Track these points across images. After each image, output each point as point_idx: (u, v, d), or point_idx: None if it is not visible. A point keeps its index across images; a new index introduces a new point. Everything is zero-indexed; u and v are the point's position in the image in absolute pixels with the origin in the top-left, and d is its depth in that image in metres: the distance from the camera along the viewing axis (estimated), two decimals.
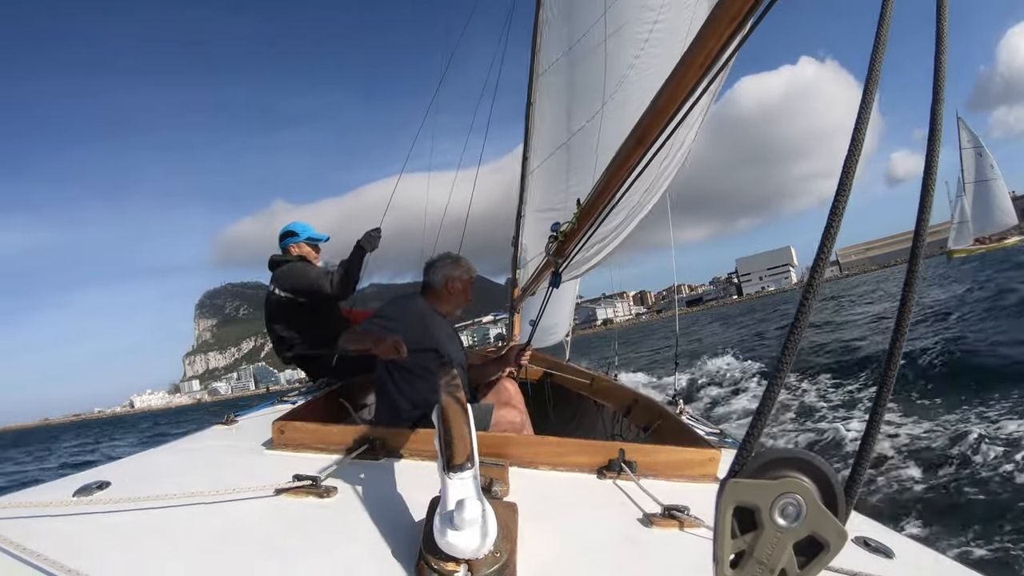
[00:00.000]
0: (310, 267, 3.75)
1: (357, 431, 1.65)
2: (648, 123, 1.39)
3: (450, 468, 1.02)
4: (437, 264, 2.71)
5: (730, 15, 0.89)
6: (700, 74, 1.06)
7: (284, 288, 3.59)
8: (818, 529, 0.55)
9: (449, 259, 2.74)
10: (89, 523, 1.06)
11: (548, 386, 4.02)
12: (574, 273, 3.40)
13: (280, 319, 3.65)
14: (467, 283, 2.73)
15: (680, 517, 1.19)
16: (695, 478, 1.56)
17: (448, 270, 2.68)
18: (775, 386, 0.57)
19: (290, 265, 3.67)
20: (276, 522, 1.11)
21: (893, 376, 0.58)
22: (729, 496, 0.57)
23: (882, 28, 0.61)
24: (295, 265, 3.68)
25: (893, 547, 1.17)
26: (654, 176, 2.54)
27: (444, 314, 2.69)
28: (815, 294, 0.58)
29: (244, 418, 2.23)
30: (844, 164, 0.59)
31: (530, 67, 4.10)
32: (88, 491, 1.21)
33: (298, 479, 1.26)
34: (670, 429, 2.24)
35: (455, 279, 2.68)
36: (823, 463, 0.56)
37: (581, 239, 2.43)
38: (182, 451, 1.80)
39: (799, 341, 0.57)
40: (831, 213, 0.59)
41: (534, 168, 4.21)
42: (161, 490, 1.14)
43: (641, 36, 2.51)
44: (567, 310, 7.01)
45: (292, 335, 3.65)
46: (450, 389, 1.42)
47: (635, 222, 3.14)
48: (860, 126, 0.59)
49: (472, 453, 1.05)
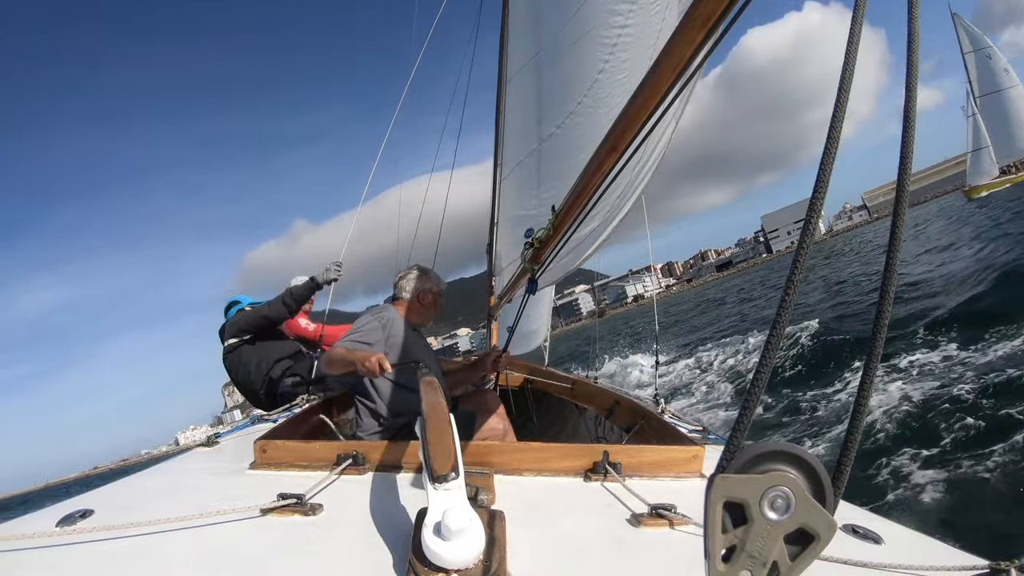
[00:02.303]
0: (251, 308, 4.08)
1: (340, 446, 1.64)
2: (621, 130, 1.40)
3: (434, 479, 1.01)
4: (407, 276, 2.77)
5: (702, 18, 0.90)
6: (672, 79, 1.07)
7: (232, 332, 3.90)
8: (807, 520, 0.56)
9: (418, 271, 2.79)
10: (74, 553, 1.03)
11: (529, 392, 4.02)
12: (550, 279, 3.41)
13: (236, 366, 3.91)
14: (436, 295, 2.79)
15: (668, 515, 1.20)
16: (680, 476, 1.57)
17: (419, 282, 2.74)
18: (759, 382, 0.58)
19: (235, 316, 4.00)
20: (263, 542, 1.09)
21: (876, 366, 0.59)
22: (718, 491, 0.57)
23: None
24: (239, 313, 4.01)
25: (881, 532, 1.20)
26: (628, 180, 2.56)
27: (415, 325, 2.71)
28: (795, 290, 0.59)
29: (226, 439, 2.19)
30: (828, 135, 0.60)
31: (498, 72, 4.12)
32: (71, 520, 1.17)
33: (283, 498, 1.24)
34: (653, 429, 2.26)
35: (426, 291, 2.74)
36: (810, 455, 0.57)
37: (556, 245, 2.44)
38: (165, 475, 1.76)
39: (782, 335, 0.58)
40: (816, 186, 0.60)
41: (506, 174, 4.21)
42: (145, 516, 1.11)
43: (609, 41, 2.53)
44: (545, 315, 7.03)
45: (248, 372, 3.89)
46: (431, 399, 1.41)
47: (611, 226, 3.16)
48: (842, 96, 0.61)
49: (456, 463, 1.04)
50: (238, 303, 4.16)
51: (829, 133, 0.60)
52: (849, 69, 0.61)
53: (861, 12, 0.61)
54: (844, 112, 0.60)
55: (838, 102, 0.60)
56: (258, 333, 3.90)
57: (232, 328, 3.90)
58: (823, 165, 0.60)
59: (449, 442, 1.12)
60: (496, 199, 4.55)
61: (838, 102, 0.60)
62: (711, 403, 7.77)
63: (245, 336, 3.88)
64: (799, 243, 0.60)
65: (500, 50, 3.95)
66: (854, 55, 0.61)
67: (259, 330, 3.90)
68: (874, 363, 0.59)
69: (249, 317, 3.89)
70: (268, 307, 3.89)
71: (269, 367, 3.83)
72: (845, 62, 0.61)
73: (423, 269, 2.83)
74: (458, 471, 1.03)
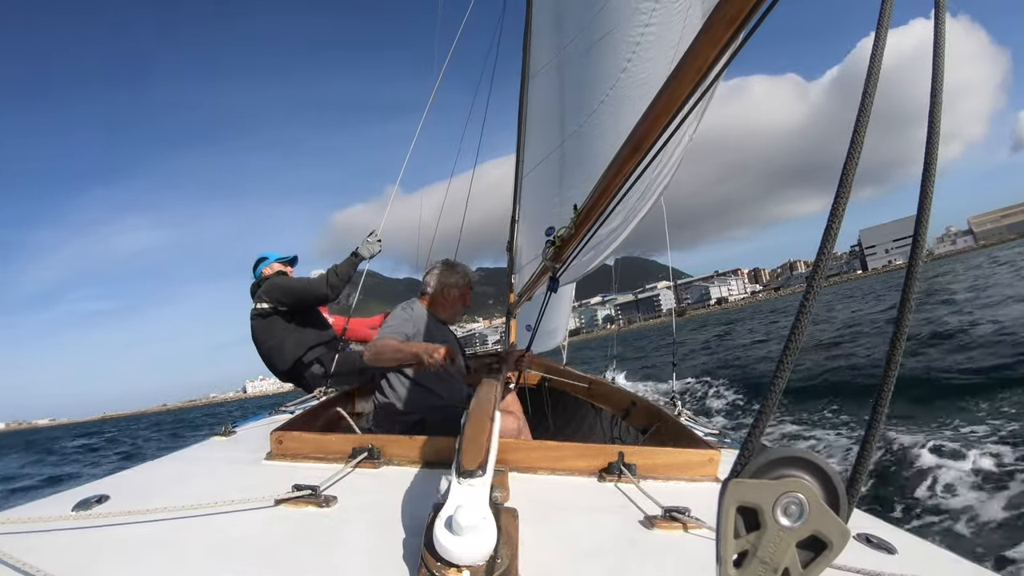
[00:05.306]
0: (294, 277, 3.97)
1: (355, 439, 1.66)
2: (644, 130, 1.39)
3: (460, 473, 1.02)
4: (433, 271, 2.73)
5: (728, 17, 0.89)
6: (697, 79, 1.06)
7: (269, 298, 3.74)
8: (821, 528, 0.55)
9: (444, 265, 2.75)
10: (89, 537, 1.05)
11: (546, 391, 4.03)
12: (570, 277, 3.41)
13: (265, 333, 3.79)
14: (464, 289, 2.73)
15: (681, 519, 1.20)
16: (695, 479, 1.56)
17: (444, 277, 2.69)
18: (776, 386, 0.58)
19: (273, 279, 3.84)
20: (277, 533, 1.11)
21: (894, 375, 0.58)
22: (731, 496, 0.57)
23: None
24: (278, 277, 3.87)
25: (895, 543, 1.18)
26: (649, 180, 2.55)
27: (443, 320, 2.69)
28: (815, 294, 0.58)
29: (242, 429, 2.23)
30: (845, 161, 0.60)
31: (522, 70, 4.12)
32: (87, 505, 1.20)
33: (298, 489, 1.26)
34: (669, 431, 2.25)
35: (451, 286, 2.69)
36: (824, 462, 0.57)
37: (578, 244, 2.43)
38: (181, 463, 1.79)
39: (801, 340, 0.57)
40: (831, 213, 0.59)
41: (528, 171, 4.22)
42: (160, 503, 1.14)
43: (632, 39, 2.51)
44: (564, 314, 7.02)
45: (280, 347, 3.80)
46: (481, 395, 1.43)
47: (631, 226, 3.15)
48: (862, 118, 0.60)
49: (485, 461, 1.06)
50: (265, 259, 4.03)
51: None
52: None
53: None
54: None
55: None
56: (295, 307, 3.77)
57: (271, 293, 3.73)
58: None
59: (483, 440, 1.13)
60: (517, 196, 4.55)
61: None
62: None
63: (282, 308, 3.75)
64: (813, 268, 0.59)
65: (524, 47, 3.95)
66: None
67: (300, 305, 3.77)
68: (891, 372, 0.58)
69: (291, 291, 3.73)
70: (310, 283, 3.74)
71: (303, 352, 3.73)
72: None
73: (448, 263, 2.77)
74: (485, 469, 1.04)
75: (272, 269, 3.99)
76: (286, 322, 3.78)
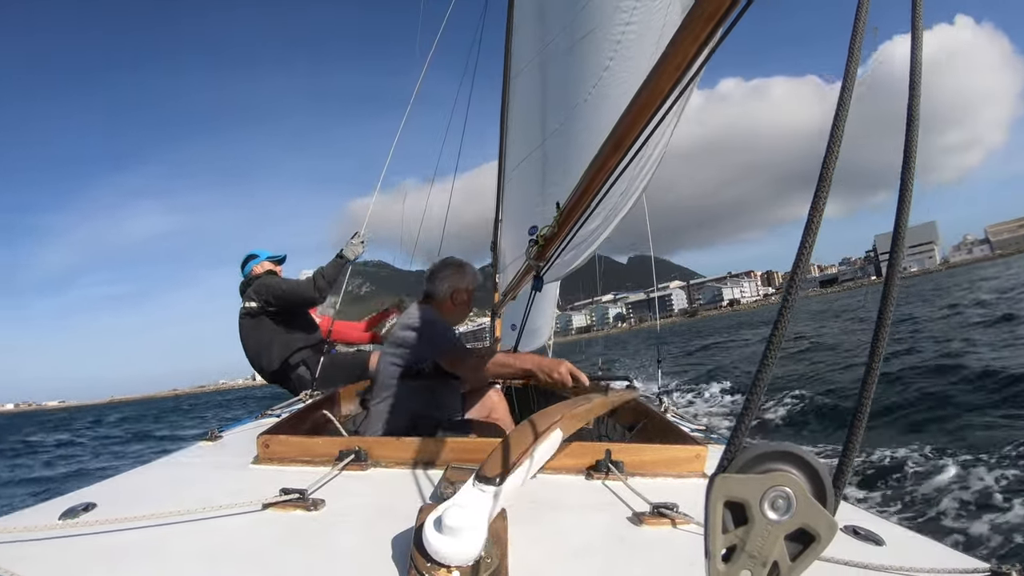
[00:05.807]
0: (283, 278, 3.95)
1: (342, 442, 1.64)
2: (625, 128, 1.39)
3: (479, 475, 1.04)
4: (441, 274, 2.60)
5: (707, 15, 0.90)
6: (676, 76, 1.07)
7: (258, 297, 3.73)
8: (808, 521, 0.56)
9: (453, 267, 2.62)
10: (76, 546, 1.04)
11: (532, 390, 4.03)
12: (554, 276, 3.41)
13: (253, 334, 3.79)
14: (471, 293, 2.63)
15: (669, 515, 1.20)
16: (682, 475, 1.57)
17: (453, 280, 2.58)
18: (760, 382, 0.58)
19: (263, 279, 3.82)
20: (265, 537, 1.10)
21: (877, 367, 0.59)
22: (719, 491, 0.57)
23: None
24: (268, 277, 3.85)
25: (882, 534, 1.19)
26: (631, 178, 2.56)
27: (450, 325, 2.61)
28: (798, 286, 0.59)
29: (228, 433, 2.21)
30: (821, 167, 0.60)
31: (504, 70, 4.12)
32: (74, 513, 1.18)
33: (285, 492, 1.24)
34: (655, 428, 2.26)
35: (460, 290, 2.58)
36: (811, 455, 0.57)
37: (561, 243, 2.44)
38: (167, 469, 1.77)
39: (783, 336, 0.58)
40: (807, 223, 0.59)
41: (511, 169, 4.22)
42: (147, 509, 1.12)
43: (614, 38, 2.53)
44: (549, 313, 7.04)
45: (268, 348, 3.79)
46: (548, 410, 1.43)
47: (612, 225, 3.17)
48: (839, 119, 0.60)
49: (507, 475, 1.06)
50: (256, 257, 4.03)
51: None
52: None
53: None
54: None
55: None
56: (283, 309, 3.78)
57: (261, 293, 3.75)
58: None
59: (518, 455, 1.13)
60: (500, 196, 4.55)
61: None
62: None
63: (270, 308, 3.76)
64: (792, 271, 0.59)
65: (505, 46, 3.94)
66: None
67: (288, 306, 3.78)
68: (875, 363, 0.59)
69: (280, 293, 3.74)
70: (299, 286, 3.76)
71: (290, 354, 3.75)
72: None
73: (457, 265, 2.63)
74: (503, 482, 1.04)
75: (263, 267, 3.98)
76: (274, 323, 3.79)
